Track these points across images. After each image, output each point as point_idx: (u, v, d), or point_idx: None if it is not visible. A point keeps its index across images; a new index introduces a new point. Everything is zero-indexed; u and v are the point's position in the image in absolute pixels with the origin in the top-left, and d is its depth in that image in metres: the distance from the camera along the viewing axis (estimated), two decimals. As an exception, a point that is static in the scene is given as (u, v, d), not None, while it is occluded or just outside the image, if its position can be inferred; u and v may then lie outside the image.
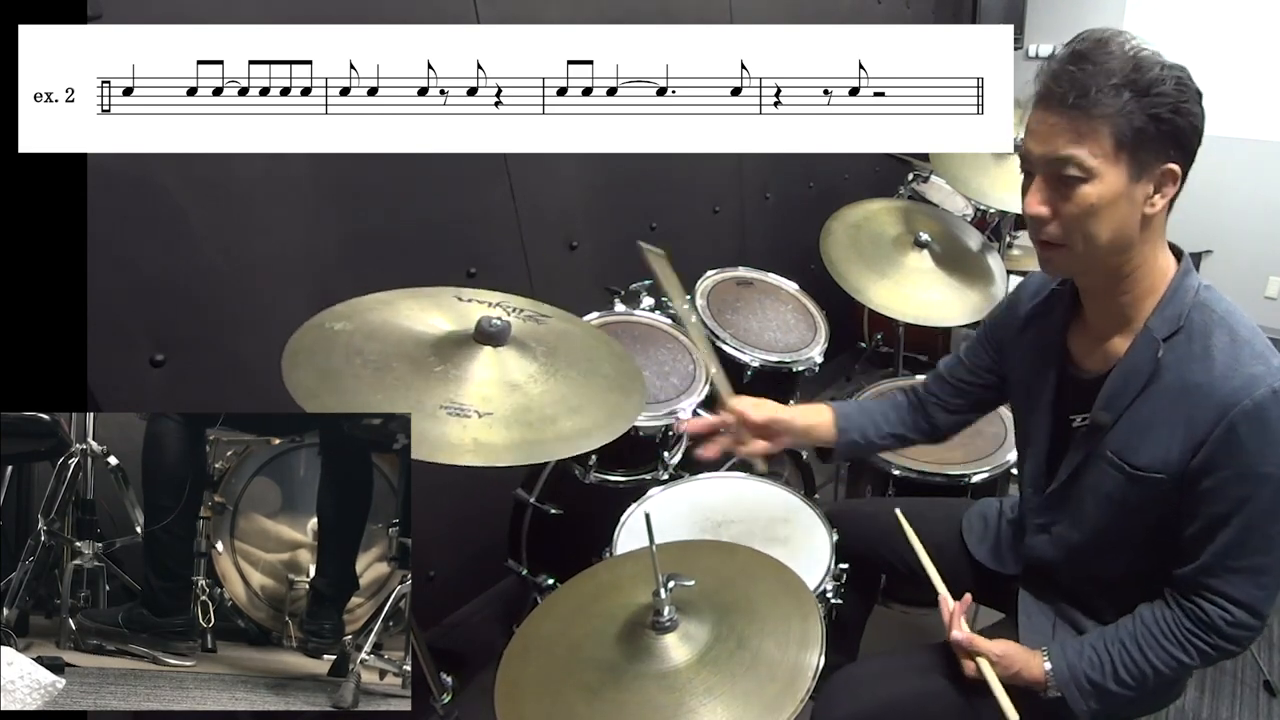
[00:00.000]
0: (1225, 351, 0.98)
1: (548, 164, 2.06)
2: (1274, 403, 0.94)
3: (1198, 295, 1.02)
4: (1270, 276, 3.74)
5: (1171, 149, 0.95)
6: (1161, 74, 0.92)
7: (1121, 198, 0.96)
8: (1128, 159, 0.94)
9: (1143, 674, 1.05)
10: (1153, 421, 1.02)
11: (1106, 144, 0.93)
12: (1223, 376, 0.96)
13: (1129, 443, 1.05)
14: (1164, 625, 1.05)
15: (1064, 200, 0.97)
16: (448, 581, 2.06)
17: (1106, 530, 1.12)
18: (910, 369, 2.44)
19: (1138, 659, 1.05)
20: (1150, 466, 1.02)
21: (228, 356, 1.50)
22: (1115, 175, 0.94)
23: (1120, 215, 0.97)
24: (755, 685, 0.91)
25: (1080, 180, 0.95)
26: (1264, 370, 0.95)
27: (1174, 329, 1.01)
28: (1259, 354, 0.97)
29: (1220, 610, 1.02)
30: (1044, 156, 0.97)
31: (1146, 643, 1.05)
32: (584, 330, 1.31)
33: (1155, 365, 1.02)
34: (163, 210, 1.39)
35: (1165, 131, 0.93)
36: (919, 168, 2.94)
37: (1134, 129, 0.92)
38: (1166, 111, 0.92)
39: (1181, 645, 1.04)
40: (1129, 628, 1.08)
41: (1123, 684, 1.06)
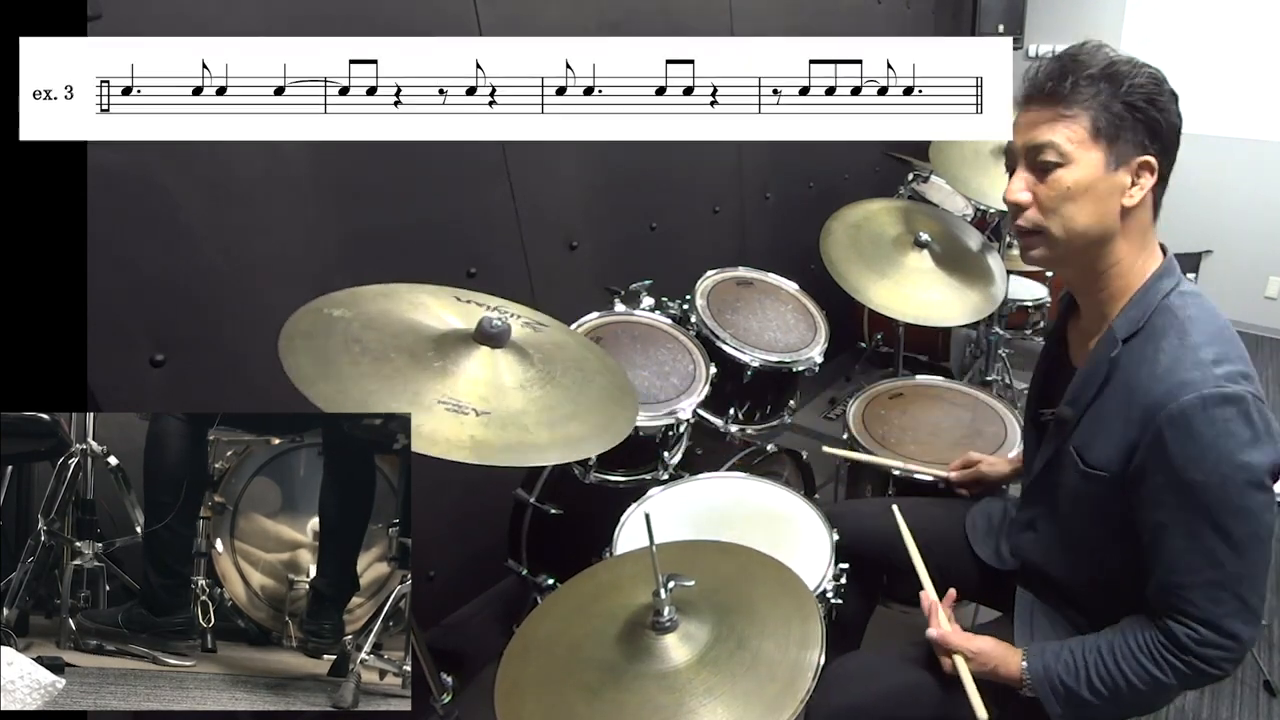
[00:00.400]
0: (1169, 355, 0.98)
1: (548, 164, 2.06)
2: (1199, 409, 0.93)
3: (1167, 298, 1.03)
4: (1270, 276, 3.74)
5: (1147, 139, 0.98)
6: (1136, 69, 0.98)
7: (1098, 183, 0.99)
8: (1105, 145, 0.98)
9: (1116, 685, 1.04)
10: (1107, 421, 1.04)
11: (1082, 129, 0.98)
12: (1159, 379, 0.97)
13: (1087, 440, 1.06)
14: (1140, 640, 1.04)
15: (1043, 185, 1.02)
16: (448, 581, 2.06)
17: (1073, 528, 1.14)
18: (910, 369, 2.44)
19: (1112, 670, 1.04)
20: (1098, 464, 1.04)
21: (228, 356, 1.50)
22: (1091, 160, 0.99)
23: (1097, 201, 1.00)
24: (755, 685, 0.90)
25: (1057, 164, 1.00)
26: (1199, 377, 0.94)
27: (1134, 329, 1.03)
28: (1200, 361, 0.96)
29: (1186, 629, 1.00)
30: (1024, 145, 1.02)
31: (1122, 654, 1.04)
32: (579, 341, 1.33)
33: (1110, 365, 1.03)
34: (163, 210, 1.39)
35: (1140, 121, 0.97)
36: (919, 168, 2.94)
37: (1110, 115, 0.97)
38: (1141, 101, 0.97)
39: (1155, 662, 1.02)
40: (1108, 637, 1.07)
41: (1096, 692, 1.05)
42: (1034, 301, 2.88)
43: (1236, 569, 0.98)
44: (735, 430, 1.87)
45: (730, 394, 1.83)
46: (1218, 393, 0.93)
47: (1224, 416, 0.93)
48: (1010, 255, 2.40)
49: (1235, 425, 0.93)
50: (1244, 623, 0.99)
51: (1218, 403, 0.93)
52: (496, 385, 1.07)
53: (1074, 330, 1.19)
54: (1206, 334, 0.99)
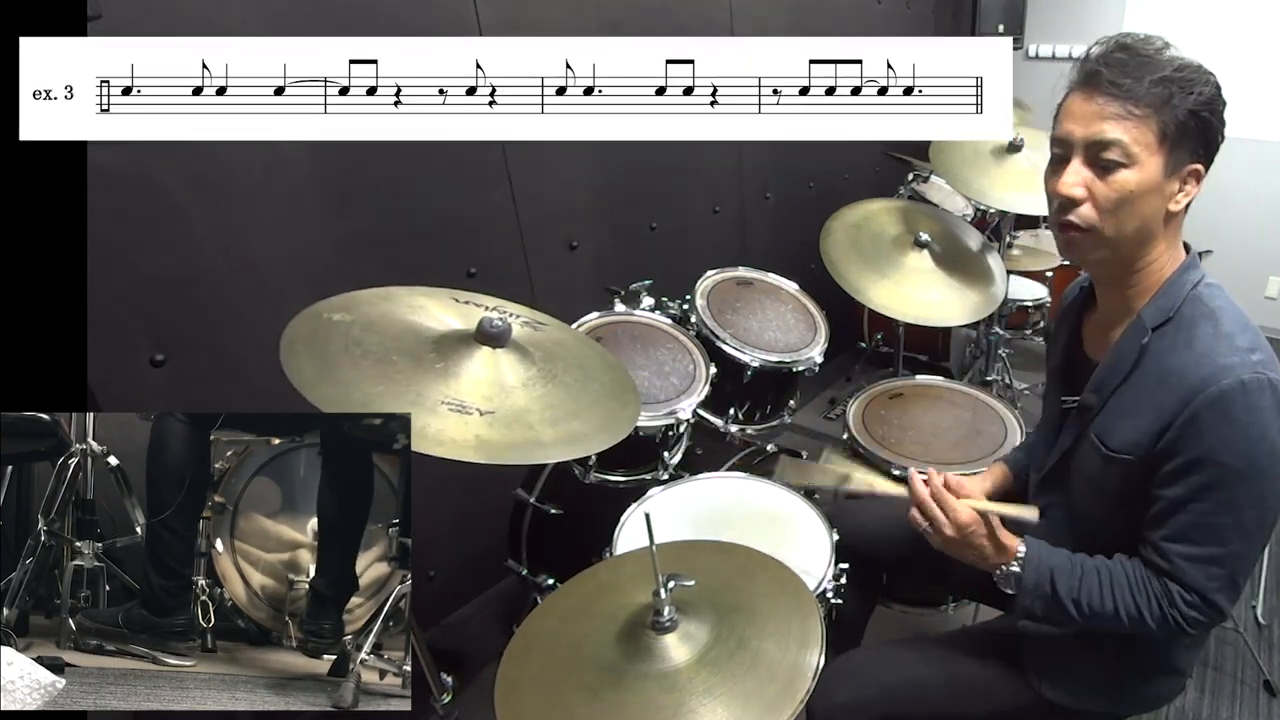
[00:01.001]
0: (1205, 341, 0.99)
1: (548, 164, 2.06)
2: (1240, 393, 0.94)
3: (1195, 289, 1.03)
4: (1270, 276, 3.74)
5: (1201, 148, 0.98)
6: (1202, 76, 0.97)
7: (1155, 190, 0.98)
8: (1168, 152, 0.97)
9: (1101, 608, 1.05)
10: (1133, 406, 1.03)
11: (1152, 133, 0.96)
12: (1196, 364, 0.97)
13: (1108, 426, 1.06)
14: (1138, 577, 1.05)
15: (1102, 184, 0.99)
16: (448, 581, 2.06)
17: (1090, 515, 1.13)
18: (910, 369, 2.44)
19: (1105, 593, 1.05)
20: (1122, 448, 1.04)
21: (228, 356, 1.50)
22: (1154, 165, 0.97)
23: (1151, 207, 0.99)
24: (755, 685, 0.90)
25: (1121, 165, 0.97)
26: (1237, 362, 0.96)
27: (1164, 318, 1.03)
28: (1237, 347, 0.97)
29: (1178, 588, 1.02)
30: (1087, 138, 0.98)
31: (1119, 584, 1.05)
32: (579, 340, 1.33)
33: (1140, 352, 1.03)
34: (163, 210, 1.39)
35: (1201, 130, 0.97)
36: (919, 168, 2.94)
37: (1178, 123, 0.96)
38: (1206, 111, 0.96)
39: (1147, 603, 1.04)
40: (1108, 564, 1.08)
41: (1076, 604, 1.06)
42: (1034, 301, 2.88)
43: (1237, 549, 1.00)
44: (735, 430, 1.87)
45: (730, 394, 1.83)
46: (1256, 378, 0.94)
47: (1262, 403, 0.95)
48: (1010, 255, 2.40)
49: (1269, 414, 0.95)
50: (1228, 599, 1.02)
51: (1256, 388, 0.94)
52: (500, 385, 1.07)
53: (1090, 324, 1.18)
54: (1237, 323, 1.01)
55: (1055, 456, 1.17)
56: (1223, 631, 2.05)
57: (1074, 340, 1.21)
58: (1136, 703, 1.19)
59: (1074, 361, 1.20)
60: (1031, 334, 2.98)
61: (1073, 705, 1.17)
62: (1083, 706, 1.17)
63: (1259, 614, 2.13)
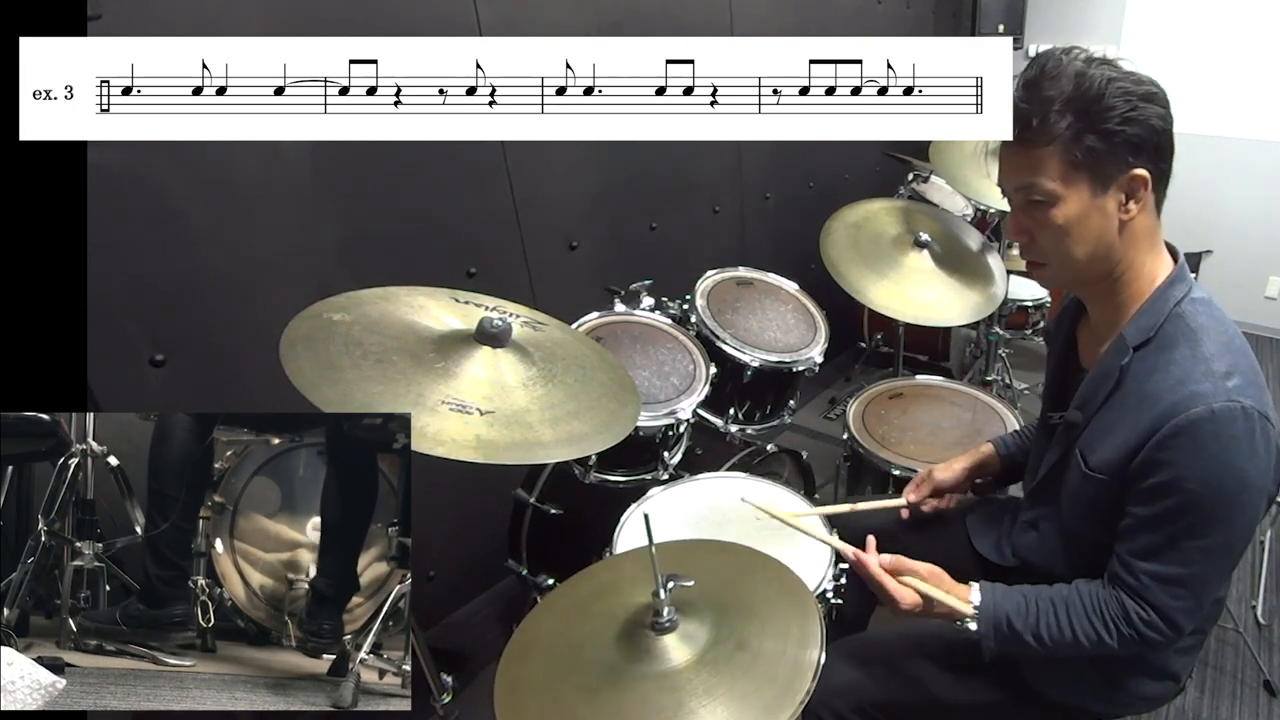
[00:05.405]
0: (1181, 366, 0.98)
1: (548, 164, 2.06)
2: (1209, 422, 0.94)
3: (1178, 306, 1.03)
4: (1270, 276, 3.74)
5: (1130, 156, 0.97)
6: (1105, 88, 0.94)
7: (1090, 213, 0.99)
8: (1086, 177, 0.97)
9: (1061, 637, 1.05)
10: (1112, 426, 1.04)
11: (1063, 165, 0.97)
12: (1170, 390, 0.97)
13: (1091, 443, 1.07)
14: (1093, 600, 1.06)
15: (1037, 225, 1.03)
16: (448, 581, 2.06)
17: (1076, 530, 1.14)
18: (910, 369, 2.44)
19: (1061, 623, 1.06)
20: (1099, 467, 1.04)
21: (228, 356, 1.50)
22: (1077, 195, 0.99)
23: (1094, 229, 1.00)
24: (755, 686, 0.90)
25: (1045, 204, 1.00)
26: (1209, 389, 0.95)
27: (1145, 337, 1.03)
28: (1211, 372, 0.96)
29: (1137, 607, 1.02)
30: (1011, 188, 1.04)
31: (1075, 611, 1.06)
32: (579, 340, 1.33)
33: (1121, 372, 1.04)
34: (163, 210, 1.39)
35: (1119, 143, 0.96)
36: (919, 168, 2.94)
37: (1085, 148, 0.96)
38: (1115, 124, 0.95)
39: (1105, 625, 1.04)
40: (1063, 593, 1.09)
41: (1038, 638, 1.07)
42: (1034, 301, 2.88)
43: (1202, 572, 1.01)
44: (735, 430, 1.87)
45: (730, 394, 1.84)
46: (1227, 407, 0.94)
47: (1232, 431, 0.94)
48: (1010, 255, 2.40)
49: (1240, 441, 0.94)
50: (1189, 618, 1.02)
51: (1227, 417, 0.94)
52: (500, 384, 1.07)
53: (1084, 332, 1.19)
54: (1218, 344, 0.99)
55: (1045, 469, 1.18)
56: (1223, 631, 2.05)
57: (1069, 347, 1.21)
58: (1131, 704, 1.20)
59: (1068, 370, 1.20)
60: (1031, 334, 2.98)
61: (1069, 702, 1.17)
62: (1079, 704, 1.18)
63: (1259, 614, 2.13)
